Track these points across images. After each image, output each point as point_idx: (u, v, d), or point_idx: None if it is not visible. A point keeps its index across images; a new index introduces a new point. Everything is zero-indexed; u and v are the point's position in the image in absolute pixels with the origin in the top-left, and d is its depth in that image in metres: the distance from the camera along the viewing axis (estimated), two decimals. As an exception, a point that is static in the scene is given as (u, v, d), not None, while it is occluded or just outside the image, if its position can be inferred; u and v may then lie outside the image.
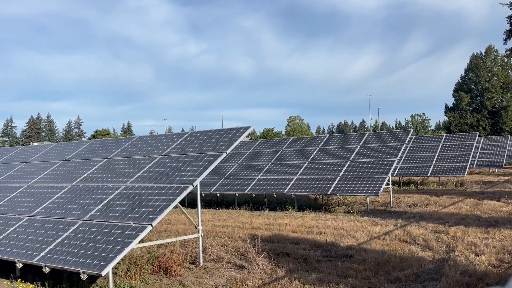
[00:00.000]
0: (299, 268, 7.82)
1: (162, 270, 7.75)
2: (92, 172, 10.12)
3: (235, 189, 18.00)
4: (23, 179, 11.39)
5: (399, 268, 7.59)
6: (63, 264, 6.81)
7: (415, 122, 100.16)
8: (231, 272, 7.78)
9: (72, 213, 8.40)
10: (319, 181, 16.37)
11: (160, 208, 7.36)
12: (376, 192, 14.75)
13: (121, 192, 8.55)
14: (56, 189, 9.89)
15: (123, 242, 6.75)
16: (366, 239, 10.23)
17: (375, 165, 16.20)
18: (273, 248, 9.28)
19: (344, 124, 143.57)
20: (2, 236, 8.51)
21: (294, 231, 11.61)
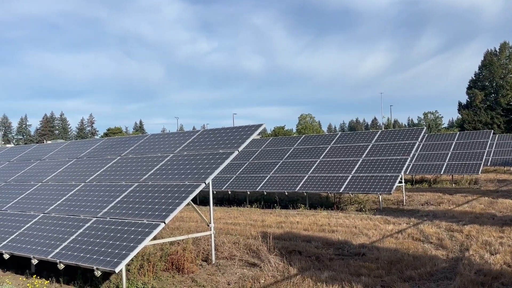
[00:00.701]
0: (311, 266, 7.81)
1: (174, 267, 7.80)
2: (105, 170, 10.21)
3: (246, 187, 18.02)
4: (37, 176, 11.54)
5: (412, 266, 7.54)
6: (77, 260, 6.89)
7: (427, 119, 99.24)
8: (243, 270, 7.80)
9: (86, 210, 8.49)
10: (331, 179, 16.31)
11: (172, 205, 7.40)
12: (389, 190, 14.65)
13: (134, 189, 8.61)
14: (70, 186, 10.00)
15: (136, 239, 6.81)
16: (379, 237, 10.17)
17: (388, 163, 16.09)
18: (285, 246, 9.28)
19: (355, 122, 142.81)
20: (18, 233, 8.64)
21: (306, 229, 11.59)
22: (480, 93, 61.68)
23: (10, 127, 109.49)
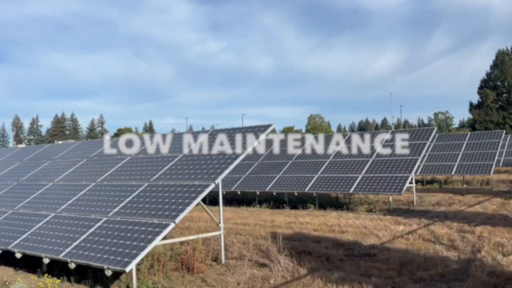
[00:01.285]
0: (321, 267, 7.78)
1: (184, 267, 7.81)
2: (115, 169, 10.27)
3: (256, 187, 18.01)
4: (49, 176, 11.64)
5: (423, 267, 7.47)
6: (88, 260, 6.93)
7: (438, 120, 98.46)
8: (252, 270, 7.79)
9: (97, 210, 8.55)
10: (340, 180, 16.24)
11: (182, 205, 7.42)
12: (399, 191, 14.55)
13: (144, 189, 8.65)
14: (81, 186, 10.08)
15: (146, 239, 6.83)
16: (389, 238, 10.10)
17: (398, 163, 15.98)
18: (294, 247, 9.26)
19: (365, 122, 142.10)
20: (30, 232, 8.72)
21: (315, 229, 11.55)
22: (491, 93, 61.05)
23: (21, 127, 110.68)
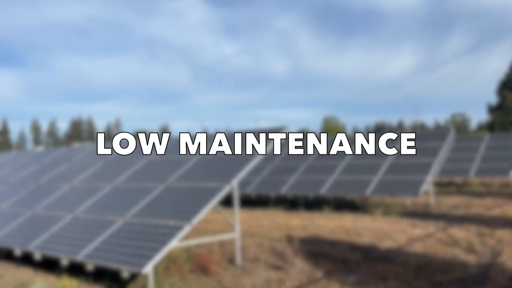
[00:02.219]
0: (337, 270, 7.73)
1: (200, 269, 7.84)
2: (133, 171, 10.37)
3: (271, 189, 17.99)
4: (67, 178, 11.81)
5: (441, 271, 7.37)
6: (105, 261, 7.00)
7: (455, 121, 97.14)
8: (268, 272, 7.78)
9: (114, 211, 8.64)
10: (356, 182, 16.13)
11: (198, 207, 7.45)
12: (416, 193, 14.39)
13: (161, 191, 8.71)
14: (98, 188, 10.19)
15: (163, 241, 6.88)
16: (406, 241, 9.99)
17: (415, 165, 15.81)
18: (310, 249, 9.22)
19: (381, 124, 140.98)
20: (49, 233, 8.85)
21: (331, 232, 11.48)
22: (511, 94, 59.97)
23: (39, 130, 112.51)
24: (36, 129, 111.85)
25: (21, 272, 8.55)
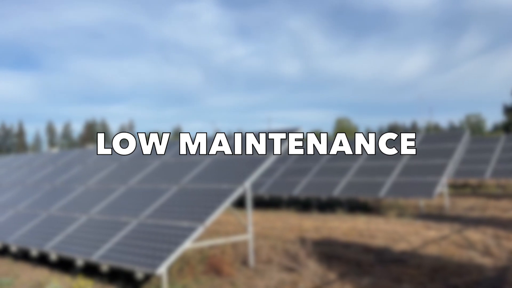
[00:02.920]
0: (351, 272, 7.68)
1: (213, 270, 7.86)
2: (146, 173, 10.45)
3: (283, 190, 17.96)
4: (82, 179, 11.94)
5: (456, 274, 7.28)
6: (119, 262, 7.06)
7: (470, 122, 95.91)
8: (281, 274, 7.76)
9: (128, 212, 8.71)
10: (369, 184, 16.02)
11: (211, 208, 7.47)
12: (430, 195, 14.24)
13: (174, 192, 8.76)
14: (113, 189, 10.29)
15: (176, 242, 6.91)
16: (420, 243, 9.89)
17: (429, 167, 15.65)
18: (323, 251, 9.18)
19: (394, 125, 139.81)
20: (64, 234, 8.96)
21: (344, 234, 11.42)
22: (527, 94, 58.97)
23: (54, 132, 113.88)
24: (51, 131, 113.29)
25: (37, 272, 8.66)
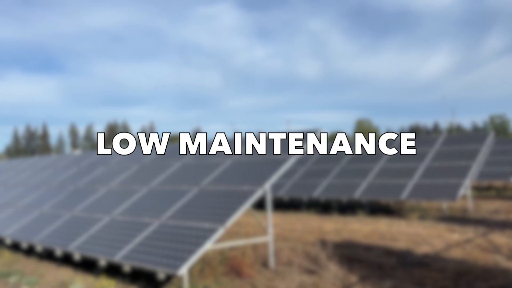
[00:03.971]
0: (372, 275, 7.60)
1: (233, 271, 7.88)
2: (168, 174, 10.55)
3: (303, 192, 17.89)
4: (104, 181, 12.13)
5: (482, 279, 7.13)
6: (141, 262, 7.15)
7: (494, 123, 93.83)
8: (302, 276, 7.73)
9: (150, 214, 8.81)
10: (391, 186, 15.83)
11: (232, 210, 7.50)
12: (453, 198, 13.98)
13: (195, 194, 8.82)
14: (135, 190, 10.42)
15: (197, 243, 6.96)
16: (444, 247, 9.72)
17: (452, 169, 15.37)
18: (344, 254, 9.11)
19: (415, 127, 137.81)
20: (88, 235, 9.11)
21: (365, 236, 11.31)
22: (553, 94, 57.48)
23: (77, 134, 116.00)
24: (74, 133, 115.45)
25: (62, 272, 8.83)
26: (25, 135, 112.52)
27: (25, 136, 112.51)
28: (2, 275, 8.75)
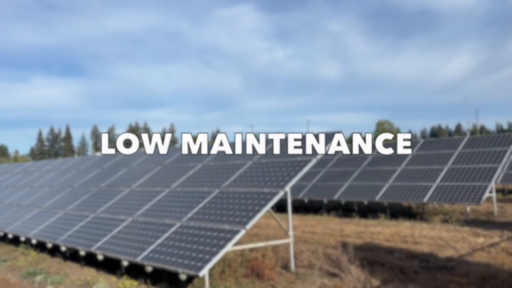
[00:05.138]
0: (394, 279, 7.50)
1: (254, 273, 7.88)
2: (188, 176, 10.63)
3: (323, 195, 17.79)
4: (126, 182, 12.29)
5: (508, 283, 6.96)
6: (163, 263, 7.21)
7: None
8: (323, 279, 7.68)
9: (171, 215, 8.89)
10: (413, 188, 15.61)
11: (252, 212, 7.51)
12: (478, 201, 13.70)
13: (216, 196, 8.87)
14: (156, 192, 10.53)
15: (218, 245, 6.99)
16: (468, 250, 9.53)
17: (476, 171, 15.07)
18: (365, 257, 9.01)
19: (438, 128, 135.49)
20: (110, 236, 9.25)
21: (387, 240, 11.17)
22: None
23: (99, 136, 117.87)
24: (96, 135, 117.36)
25: (85, 271, 8.98)
26: (49, 137, 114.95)
27: (49, 138, 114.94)
28: (29, 274, 8.95)
